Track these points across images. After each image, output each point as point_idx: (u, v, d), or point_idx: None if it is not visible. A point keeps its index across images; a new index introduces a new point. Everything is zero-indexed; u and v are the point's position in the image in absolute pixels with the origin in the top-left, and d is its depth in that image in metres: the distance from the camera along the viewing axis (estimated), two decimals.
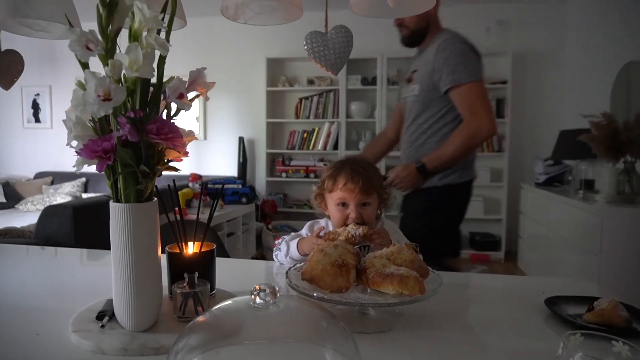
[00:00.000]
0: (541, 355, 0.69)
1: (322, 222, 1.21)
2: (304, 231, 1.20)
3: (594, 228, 2.43)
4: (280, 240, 1.18)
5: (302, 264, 0.90)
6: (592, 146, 2.55)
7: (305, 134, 4.59)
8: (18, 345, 0.72)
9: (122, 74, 0.66)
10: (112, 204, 0.72)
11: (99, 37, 0.62)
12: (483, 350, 0.73)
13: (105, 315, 0.78)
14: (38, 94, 5.14)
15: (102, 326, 0.75)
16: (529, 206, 3.70)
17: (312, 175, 4.53)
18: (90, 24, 0.65)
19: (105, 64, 0.63)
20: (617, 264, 2.32)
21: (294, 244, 1.12)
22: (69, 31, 0.58)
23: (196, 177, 3.66)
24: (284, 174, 4.62)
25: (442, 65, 1.61)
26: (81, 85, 0.66)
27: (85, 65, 0.65)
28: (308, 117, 4.55)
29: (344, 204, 1.10)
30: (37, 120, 5.19)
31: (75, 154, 0.68)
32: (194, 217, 1.66)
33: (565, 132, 3.40)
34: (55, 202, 3.86)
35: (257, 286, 0.59)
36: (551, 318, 0.84)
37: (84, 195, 4.45)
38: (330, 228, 1.15)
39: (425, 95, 1.66)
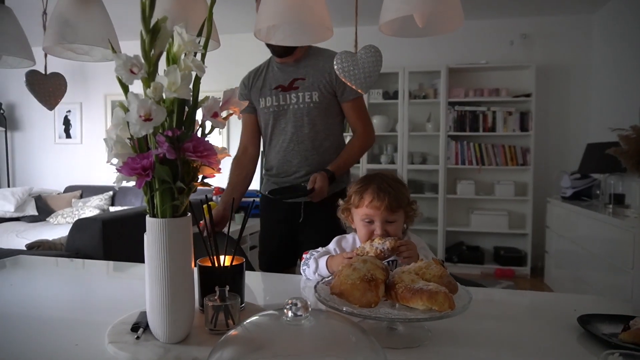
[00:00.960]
0: None
1: (349, 237, 1.22)
2: (331, 246, 1.21)
3: (625, 244, 2.36)
4: (308, 256, 1.19)
5: (330, 277, 0.91)
6: (621, 160, 2.49)
7: None
8: (59, 355, 0.75)
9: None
10: (148, 219, 0.75)
11: (142, 61, 0.66)
12: None
13: (140, 327, 0.81)
14: (69, 111, 5.34)
15: (138, 337, 0.78)
16: (555, 221, 3.62)
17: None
18: (124, 43, 0.69)
19: (147, 86, 0.67)
20: None
21: (323, 262, 1.13)
22: (115, 57, 0.62)
23: (219, 191, 3.72)
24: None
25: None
26: (123, 107, 0.69)
27: (127, 89, 0.69)
28: None
29: (370, 221, 1.11)
30: (68, 136, 5.38)
31: (116, 171, 0.72)
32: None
33: (592, 145, 3.33)
34: (84, 215, 3.97)
35: (290, 300, 0.60)
36: (585, 337, 0.82)
37: (112, 209, 4.57)
38: (357, 242, 1.16)
39: (327, 102, 1.69)
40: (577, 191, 3.45)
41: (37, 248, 2.79)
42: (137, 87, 0.67)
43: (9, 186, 5.39)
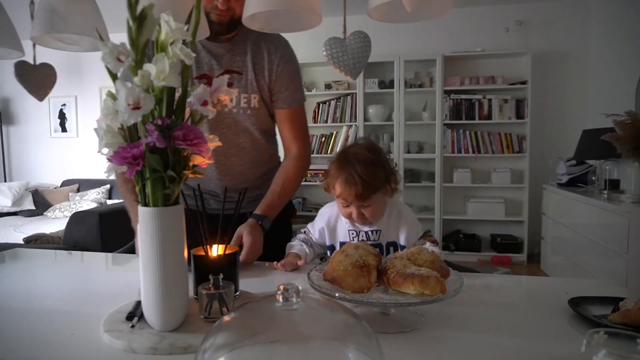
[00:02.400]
0: (565, 356, 0.69)
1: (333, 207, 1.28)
2: (313, 227, 1.29)
3: (620, 229, 2.38)
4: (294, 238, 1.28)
5: (322, 264, 0.91)
6: (616, 145, 2.50)
7: (323, 138, 4.61)
8: (55, 343, 0.75)
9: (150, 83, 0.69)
10: (140, 208, 0.75)
11: (129, 49, 0.66)
12: (504, 351, 0.73)
13: (135, 316, 0.81)
14: (64, 104, 5.31)
15: (133, 326, 0.78)
16: (551, 207, 3.64)
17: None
18: (115, 35, 0.68)
19: (134, 74, 0.66)
20: None
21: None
22: (101, 45, 0.62)
23: None
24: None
25: (289, 79, 1.31)
26: (111, 96, 0.69)
27: (115, 77, 0.68)
28: (326, 122, 4.57)
29: (347, 205, 1.16)
30: (64, 129, 5.36)
31: (106, 160, 0.71)
32: None
33: (587, 131, 3.33)
34: (81, 209, 3.97)
35: (281, 286, 0.60)
36: (575, 319, 0.83)
37: (109, 202, 4.56)
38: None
39: (267, 107, 1.33)
40: (572, 177, 3.47)
41: (35, 242, 2.79)
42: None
43: (5, 181, 5.38)
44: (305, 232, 1.30)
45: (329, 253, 1.26)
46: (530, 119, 4.07)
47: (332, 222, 1.27)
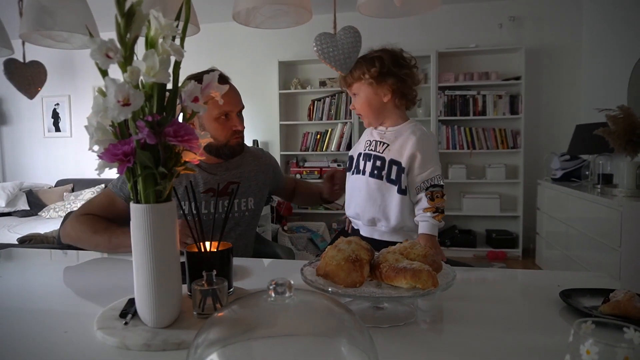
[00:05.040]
0: (556, 347, 0.69)
1: None
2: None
3: (613, 223, 2.39)
4: None
5: (315, 261, 0.92)
6: (609, 140, 2.52)
7: (318, 136, 4.61)
8: (48, 342, 0.75)
9: (140, 80, 0.69)
10: (132, 204, 0.75)
11: (118, 45, 0.65)
12: (496, 343, 0.74)
13: (128, 313, 0.81)
14: (58, 104, 5.28)
15: (126, 323, 0.78)
16: (546, 202, 3.66)
17: None
18: (106, 34, 0.68)
19: (124, 70, 0.66)
20: (637, 258, 2.28)
21: None
22: (90, 41, 0.62)
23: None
24: (298, 176, 4.65)
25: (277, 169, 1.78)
26: (101, 92, 0.69)
27: (105, 73, 0.68)
28: (321, 119, 4.57)
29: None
30: (58, 129, 5.32)
31: (97, 158, 0.71)
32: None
33: (581, 126, 3.35)
34: (76, 209, 3.95)
35: (273, 281, 0.61)
36: (566, 311, 0.84)
37: None
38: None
39: (261, 207, 1.64)
40: (566, 172, 3.49)
41: (29, 242, 2.78)
42: (119, 74, 0.67)
43: None
44: None
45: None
46: (524, 115, 4.09)
47: (363, 134, 1.37)
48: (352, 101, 1.28)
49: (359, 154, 1.33)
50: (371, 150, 1.27)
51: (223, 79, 1.29)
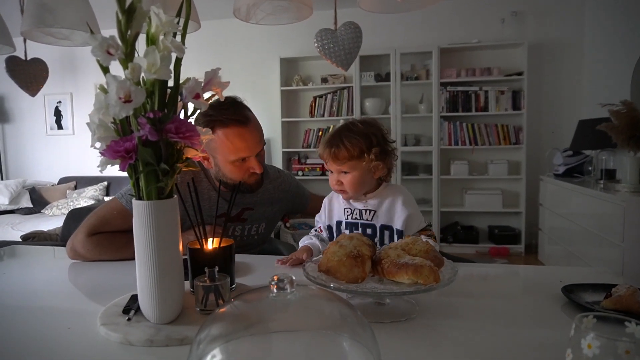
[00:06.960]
0: (558, 342, 0.69)
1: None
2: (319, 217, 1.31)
3: (616, 218, 2.39)
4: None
5: (318, 257, 0.92)
6: (612, 135, 2.50)
7: (320, 132, 4.61)
8: (52, 338, 0.76)
9: (141, 76, 0.69)
10: (134, 201, 0.75)
11: (119, 42, 0.65)
12: (498, 339, 0.74)
13: (131, 309, 0.82)
14: (60, 102, 5.29)
15: (129, 319, 0.79)
16: (548, 198, 3.65)
17: (328, 172, 4.54)
18: (107, 31, 0.68)
19: (125, 67, 0.66)
20: None
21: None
22: (91, 38, 0.62)
23: None
24: (300, 172, 4.65)
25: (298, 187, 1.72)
26: (103, 90, 0.69)
27: (106, 70, 0.68)
28: (323, 115, 4.57)
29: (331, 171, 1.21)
30: (60, 127, 5.34)
31: (100, 155, 0.71)
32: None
33: (584, 122, 3.34)
34: (79, 206, 3.97)
35: (275, 276, 0.61)
36: (568, 306, 0.84)
37: (106, 199, 4.56)
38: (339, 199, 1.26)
39: (271, 229, 1.63)
40: (569, 168, 3.47)
41: (32, 239, 2.79)
42: (120, 71, 0.67)
43: (2, 179, 5.37)
44: (318, 230, 1.30)
45: (328, 234, 1.29)
46: (526, 110, 4.07)
47: (329, 201, 1.29)
48: (335, 177, 1.18)
49: (340, 222, 1.24)
50: (356, 218, 1.20)
51: (245, 119, 1.27)
